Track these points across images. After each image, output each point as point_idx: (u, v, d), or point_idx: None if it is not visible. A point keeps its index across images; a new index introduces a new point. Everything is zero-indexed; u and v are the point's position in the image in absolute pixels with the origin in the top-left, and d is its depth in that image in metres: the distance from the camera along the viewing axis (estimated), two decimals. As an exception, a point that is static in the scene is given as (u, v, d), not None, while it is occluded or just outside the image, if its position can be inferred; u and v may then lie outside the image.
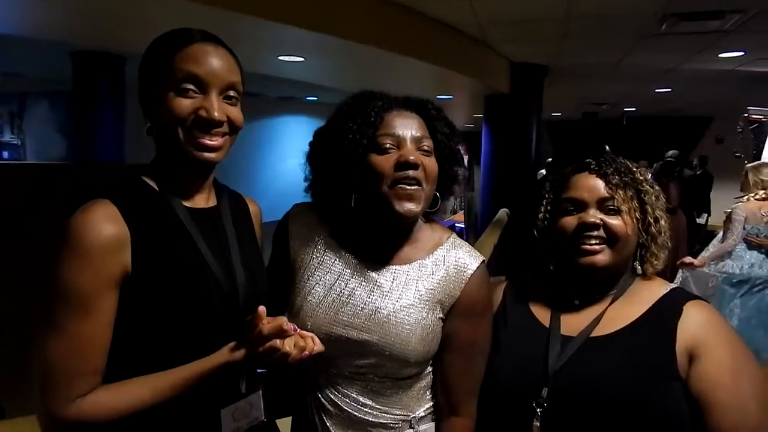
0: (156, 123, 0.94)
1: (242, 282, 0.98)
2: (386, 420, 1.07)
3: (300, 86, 7.14)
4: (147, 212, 0.92)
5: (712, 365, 0.95)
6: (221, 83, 0.93)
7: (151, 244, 0.90)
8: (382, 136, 1.04)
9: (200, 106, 0.91)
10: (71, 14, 3.10)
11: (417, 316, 1.05)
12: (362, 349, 1.04)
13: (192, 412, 0.92)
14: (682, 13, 3.70)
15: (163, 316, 0.89)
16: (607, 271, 1.05)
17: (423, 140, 1.06)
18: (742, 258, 3.81)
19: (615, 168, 1.08)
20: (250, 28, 2.93)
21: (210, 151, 0.93)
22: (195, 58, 0.92)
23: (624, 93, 8.22)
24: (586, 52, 5.16)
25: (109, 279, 0.86)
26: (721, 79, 6.43)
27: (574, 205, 1.08)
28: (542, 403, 0.99)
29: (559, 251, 1.11)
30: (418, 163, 1.02)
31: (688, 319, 0.99)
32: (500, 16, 3.99)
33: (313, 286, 1.09)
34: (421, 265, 1.09)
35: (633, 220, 1.05)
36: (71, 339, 0.84)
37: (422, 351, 1.05)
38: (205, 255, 0.94)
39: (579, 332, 1.04)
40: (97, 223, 0.85)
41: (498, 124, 6.08)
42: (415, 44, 3.89)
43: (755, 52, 5.01)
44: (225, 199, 1.06)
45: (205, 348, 0.92)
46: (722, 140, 10.53)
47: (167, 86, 0.91)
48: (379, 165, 1.02)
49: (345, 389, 1.07)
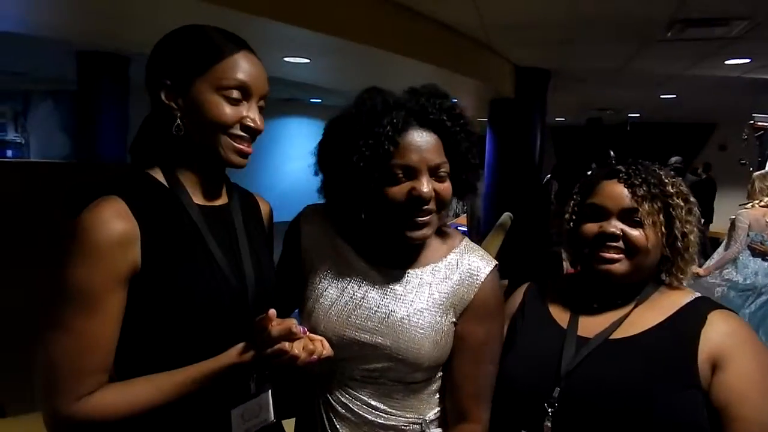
0: (189, 121, 0.93)
1: (251, 280, 0.98)
2: (397, 423, 1.07)
3: (304, 88, 7.14)
4: (156, 209, 0.91)
5: (737, 377, 0.92)
6: (261, 93, 0.97)
7: (161, 241, 0.89)
8: (395, 165, 0.98)
9: (245, 115, 0.94)
10: (76, 14, 3.11)
11: (430, 320, 1.03)
12: (375, 352, 1.03)
13: (202, 413, 0.92)
14: (689, 19, 3.69)
15: (172, 313, 0.89)
16: (624, 279, 1.04)
17: (440, 167, 1.00)
18: (747, 266, 3.79)
19: (644, 178, 1.04)
20: (256, 28, 2.93)
21: (245, 157, 0.97)
22: (244, 67, 0.94)
23: (628, 99, 8.20)
24: (591, 57, 5.15)
25: (118, 276, 0.85)
26: (726, 85, 6.41)
27: (597, 212, 1.06)
28: (554, 404, 0.98)
29: (580, 255, 1.10)
30: (431, 197, 0.99)
31: (713, 328, 0.96)
32: (505, 19, 3.98)
33: (325, 289, 1.08)
34: (434, 269, 1.08)
35: (657, 234, 1.03)
36: (78, 336, 0.83)
37: (435, 355, 1.04)
38: (214, 252, 0.94)
39: (596, 334, 1.03)
40: (106, 220, 0.84)
41: (502, 129, 6.06)
42: (420, 47, 3.89)
43: (761, 59, 5.00)
44: (236, 197, 1.06)
45: (213, 346, 0.91)
46: (725, 147, 10.51)
47: (213, 90, 0.92)
48: (391, 196, 0.99)
49: (356, 392, 1.06)
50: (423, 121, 1.00)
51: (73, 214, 0.86)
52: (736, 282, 3.81)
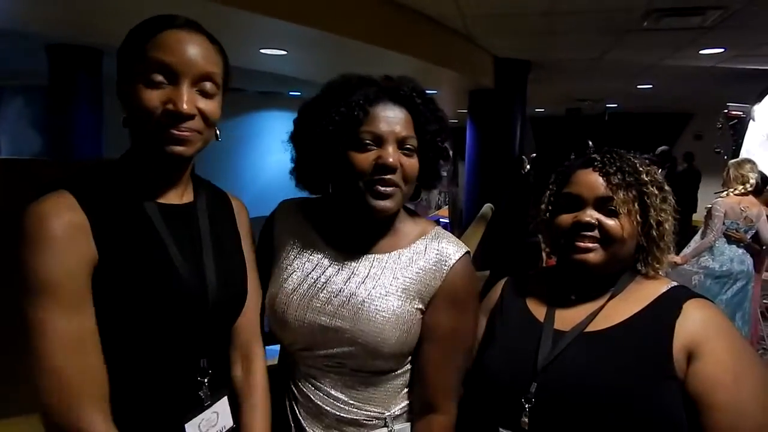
0: (129, 114, 0.89)
1: (212, 282, 0.93)
2: (359, 416, 1.05)
3: (283, 81, 7.07)
4: (109, 205, 0.87)
5: (711, 365, 0.92)
6: (194, 73, 0.86)
7: (114, 236, 0.85)
8: (363, 132, 1.00)
9: (169, 99, 0.85)
10: (46, 5, 3.02)
11: (392, 305, 1.02)
12: (335, 336, 1.02)
13: (153, 428, 0.87)
14: (665, 8, 3.73)
15: (127, 314, 0.84)
16: (600, 269, 1.03)
17: (407, 140, 1.02)
18: (723, 253, 3.86)
19: (619, 167, 1.03)
20: (231, 19, 2.88)
21: (179, 143, 0.87)
22: (166, 46, 0.85)
23: (606, 89, 8.29)
24: (569, 48, 5.18)
25: (76, 265, 0.80)
26: (702, 75, 6.51)
27: (573, 202, 1.05)
28: (531, 399, 0.97)
29: (557, 246, 1.09)
30: (396, 167, 1.00)
31: (688, 318, 0.96)
32: (484, 10, 3.97)
33: (290, 274, 1.08)
34: (400, 254, 1.07)
35: (632, 222, 1.01)
36: (59, 335, 0.78)
37: (397, 342, 1.02)
38: (172, 254, 0.89)
39: (572, 327, 1.02)
40: (51, 211, 0.81)
41: (482, 120, 6.07)
42: (399, 38, 3.87)
43: (735, 49, 5.08)
44: (203, 195, 1.01)
45: (172, 348, 0.89)
46: (701, 137, 10.68)
47: (138, 76, 0.85)
48: (357, 162, 1.00)
49: (318, 382, 1.06)
50: (394, 97, 1.04)
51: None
52: (713, 269, 3.87)
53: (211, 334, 0.96)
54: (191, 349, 0.92)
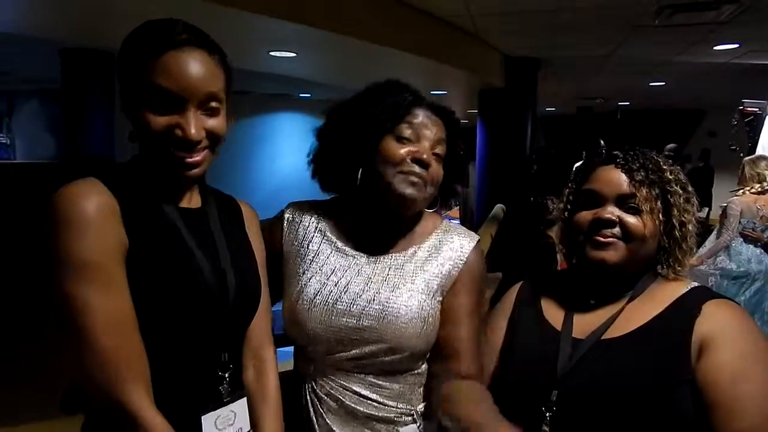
0: (136, 132, 0.89)
1: (232, 280, 0.94)
2: (391, 413, 1.07)
3: (292, 83, 7.08)
4: (135, 198, 0.87)
5: (712, 362, 0.89)
6: (199, 96, 0.86)
7: (141, 228, 0.85)
8: (405, 125, 1.08)
9: (176, 124, 0.85)
10: (59, 11, 3.05)
11: (414, 302, 1.05)
12: (362, 336, 1.04)
13: (169, 417, 0.86)
14: (678, 4, 3.68)
15: (153, 303, 0.85)
16: (618, 269, 0.99)
17: (439, 144, 1.10)
18: (740, 253, 3.79)
19: (642, 164, 1.00)
20: (240, 22, 2.88)
21: (189, 168, 0.88)
22: (168, 72, 0.83)
23: (618, 87, 8.21)
24: (580, 45, 5.14)
25: (114, 247, 0.81)
26: (715, 72, 6.43)
27: (593, 199, 1.02)
28: (551, 407, 0.96)
29: (575, 244, 1.05)
30: (429, 164, 1.06)
31: (706, 318, 0.92)
32: (492, 7, 3.95)
33: (309, 279, 1.09)
34: (416, 251, 1.12)
35: (654, 221, 0.97)
36: (103, 314, 0.79)
37: (422, 335, 1.05)
38: (195, 252, 0.90)
39: (589, 334, 0.99)
40: (84, 193, 0.81)
41: (492, 119, 6.03)
42: (408, 39, 3.85)
43: (750, 44, 5.00)
44: (211, 200, 1.01)
45: (195, 341, 0.89)
46: (715, 134, 10.55)
47: (141, 99, 0.85)
48: (393, 150, 1.06)
49: (346, 383, 1.07)
50: (435, 108, 1.13)
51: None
52: (730, 270, 3.80)
53: (231, 330, 0.97)
54: (213, 342, 0.92)
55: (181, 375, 0.90)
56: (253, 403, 1.02)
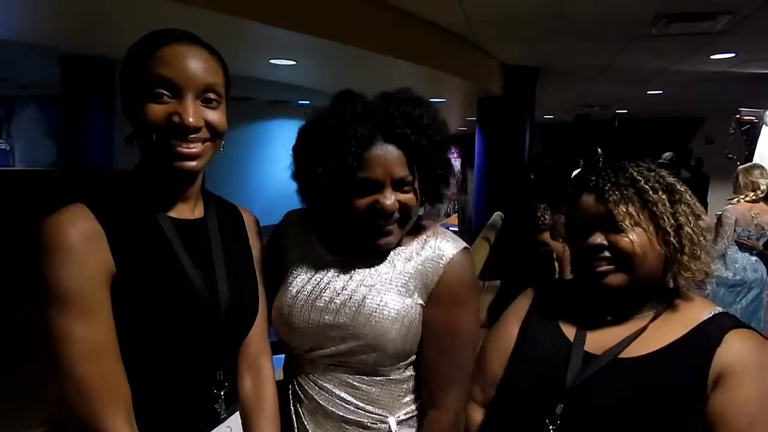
0: (135, 130, 0.90)
1: (225, 295, 0.94)
2: (362, 418, 1.06)
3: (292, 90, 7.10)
4: (124, 217, 0.87)
5: (729, 401, 0.86)
6: (197, 86, 0.87)
7: (129, 248, 0.85)
8: (360, 179, 1.01)
9: (174, 112, 0.85)
10: (59, 17, 3.06)
11: (393, 300, 1.05)
12: (338, 333, 1.04)
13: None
14: (674, 14, 3.71)
15: (143, 325, 0.85)
16: (624, 291, 0.98)
17: (403, 180, 1.03)
18: (736, 261, 3.80)
19: (613, 182, 0.99)
20: (241, 30, 2.90)
21: (188, 159, 0.88)
22: (167, 60, 0.85)
23: (615, 95, 8.24)
24: (578, 54, 5.17)
25: (95, 274, 0.81)
26: (713, 80, 6.46)
27: (580, 227, 1.02)
28: (556, 420, 0.94)
29: (580, 273, 1.05)
30: (394, 210, 1.03)
31: (727, 349, 0.89)
32: (491, 15, 3.97)
33: (294, 279, 1.12)
34: (398, 252, 1.10)
35: (643, 234, 0.96)
36: (81, 343, 0.79)
37: (398, 336, 1.04)
38: (186, 267, 0.90)
39: (605, 350, 0.97)
40: (68, 221, 0.82)
41: (491, 127, 6.06)
42: (407, 47, 3.87)
43: (746, 54, 5.04)
44: (213, 209, 1.02)
45: (188, 360, 0.89)
46: (712, 141, 10.59)
47: (140, 92, 0.86)
48: (357, 206, 1.03)
49: (322, 382, 1.08)
50: (388, 135, 1.02)
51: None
52: (726, 278, 3.79)
53: (226, 346, 0.96)
54: (207, 361, 0.93)
55: (176, 396, 0.90)
56: (249, 414, 1.02)
